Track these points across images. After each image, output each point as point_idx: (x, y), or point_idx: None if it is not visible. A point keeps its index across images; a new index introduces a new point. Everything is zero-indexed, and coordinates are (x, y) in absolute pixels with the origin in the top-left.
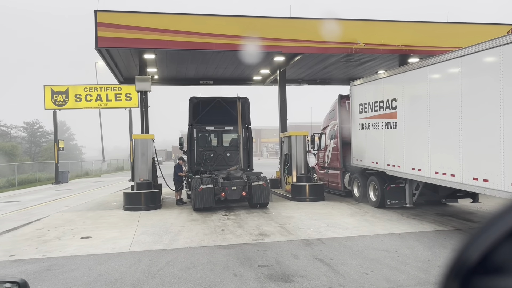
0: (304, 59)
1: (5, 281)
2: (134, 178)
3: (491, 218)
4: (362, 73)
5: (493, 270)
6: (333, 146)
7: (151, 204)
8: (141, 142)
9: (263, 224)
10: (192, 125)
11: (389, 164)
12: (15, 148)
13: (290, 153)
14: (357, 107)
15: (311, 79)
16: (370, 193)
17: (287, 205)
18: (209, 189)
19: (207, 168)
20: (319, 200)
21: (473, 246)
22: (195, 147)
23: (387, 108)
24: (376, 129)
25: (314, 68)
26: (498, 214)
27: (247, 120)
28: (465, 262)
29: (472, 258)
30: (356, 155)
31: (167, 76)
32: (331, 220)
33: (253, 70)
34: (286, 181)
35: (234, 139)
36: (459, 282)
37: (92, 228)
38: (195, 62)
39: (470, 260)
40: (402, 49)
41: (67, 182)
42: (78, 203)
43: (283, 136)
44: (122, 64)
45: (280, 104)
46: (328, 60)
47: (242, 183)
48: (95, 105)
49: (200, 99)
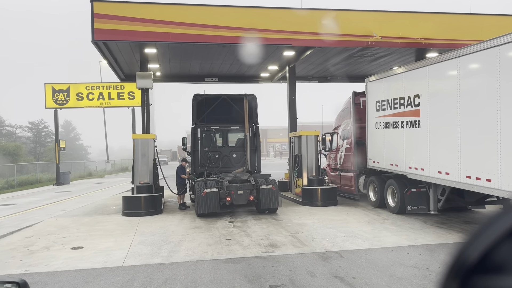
0: (315, 54)
1: (5, 281)
2: (134, 180)
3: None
4: (376, 69)
5: (492, 270)
6: (346, 147)
7: (151, 209)
8: (141, 142)
9: (272, 233)
10: (196, 124)
11: (411, 167)
12: (19, 148)
13: (301, 154)
14: (374, 104)
15: (321, 76)
16: (388, 198)
17: (298, 210)
18: (214, 193)
19: (211, 170)
20: (332, 204)
21: (473, 245)
22: (199, 147)
23: (409, 105)
24: (395, 128)
25: (325, 64)
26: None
27: (254, 118)
28: (465, 261)
29: (472, 258)
30: (373, 156)
31: (170, 73)
32: (348, 228)
33: (260, 66)
34: (296, 183)
35: (240, 139)
36: (459, 281)
37: (86, 236)
38: (199, 58)
39: (470, 259)
40: (421, 43)
41: (69, 183)
42: (75, 206)
43: (292, 136)
44: (122, 59)
45: (289, 102)
46: (341, 55)
47: (250, 187)
48: (97, 104)
49: (205, 96)
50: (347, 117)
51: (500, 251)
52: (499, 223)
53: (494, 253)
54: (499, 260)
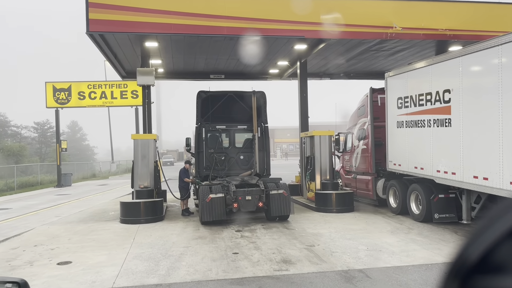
0: (328, 48)
1: (5, 281)
2: (134, 184)
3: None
4: (392, 65)
5: (493, 269)
6: (362, 148)
7: (152, 216)
8: (141, 143)
9: (285, 245)
10: (200, 124)
11: (439, 170)
12: (23, 149)
13: (313, 156)
14: (395, 101)
15: (333, 72)
16: (411, 204)
17: (311, 217)
18: (219, 199)
19: (217, 173)
20: (349, 211)
21: (473, 245)
22: (204, 148)
23: (437, 101)
24: (420, 127)
25: (338, 60)
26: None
27: (263, 117)
28: (465, 261)
29: (472, 257)
30: (393, 158)
31: (173, 69)
32: (370, 239)
33: (269, 62)
34: (308, 187)
35: (248, 139)
36: (459, 281)
37: (77, 248)
38: (204, 52)
39: (470, 259)
40: (446, 34)
41: (70, 185)
42: (72, 212)
43: (304, 136)
44: (122, 55)
45: (300, 100)
46: (357, 49)
47: (259, 192)
48: (100, 103)
49: (210, 93)
50: (364, 115)
51: (500, 251)
52: (500, 223)
53: (494, 253)
54: (500, 260)
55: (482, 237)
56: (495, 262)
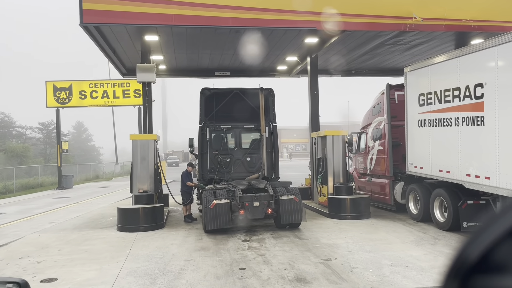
0: (341, 42)
1: (6, 281)
2: (133, 188)
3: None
4: (408, 61)
5: (493, 269)
6: (378, 149)
7: (151, 223)
8: (140, 144)
9: (298, 259)
10: (204, 123)
11: (470, 174)
12: (27, 150)
13: (325, 157)
14: (416, 98)
15: (345, 69)
16: (435, 211)
17: (325, 224)
18: (224, 205)
19: (222, 176)
20: (364, 217)
21: (473, 245)
22: (208, 149)
23: (467, 97)
24: (447, 126)
25: (351, 55)
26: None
27: (271, 116)
28: (465, 261)
29: (472, 257)
30: (414, 160)
31: (176, 66)
32: (393, 252)
33: (277, 58)
34: (319, 191)
35: (255, 140)
36: (459, 281)
37: (65, 261)
38: (208, 47)
39: (470, 259)
40: (470, 25)
41: (72, 187)
42: (68, 217)
43: (315, 136)
44: (121, 50)
45: (310, 98)
46: (372, 43)
47: (267, 198)
48: (101, 103)
49: (214, 91)
50: (379, 114)
51: (500, 251)
52: (500, 223)
53: (494, 252)
54: (500, 260)
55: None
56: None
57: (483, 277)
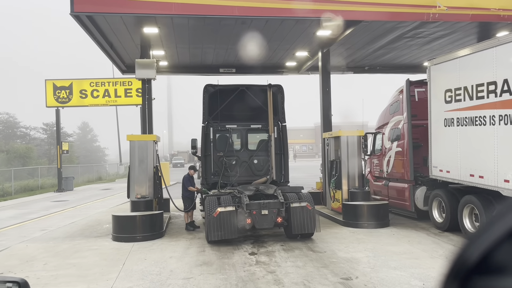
0: (357, 34)
1: (5, 280)
2: (130, 193)
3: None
4: (426, 56)
5: (493, 270)
6: (396, 150)
7: (149, 232)
8: (138, 145)
9: (313, 277)
10: (207, 122)
11: (508, 180)
12: (30, 151)
13: (339, 160)
14: (442, 94)
15: (357, 65)
16: (465, 221)
17: (340, 234)
18: (230, 214)
19: (226, 180)
20: (383, 226)
21: (473, 246)
22: (212, 151)
23: (505, 92)
24: (479, 125)
25: (366, 49)
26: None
27: (280, 115)
28: (465, 262)
29: (472, 258)
30: (439, 163)
31: (179, 62)
32: (422, 269)
33: (286, 53)
34: (332, 196)
35: (263, 140)
36: (459, 282)
37: (49, 278)
38: (212, 41)
39: (470, 260)
40: (499, 15)
41: (72, 189)
42: (62, 223)
43: (328, 136)
44: (118, 44)
45: (322, 95)
46: (389, 35)
47: (277, 205)
48: (103, 102)
49: (219, 87)
50: (398, 113)
51: (500, 252)
52: (500, 224)
53: (494, 253)
54: (500, 261)
55: (482, 238)
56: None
57: (483, 278)
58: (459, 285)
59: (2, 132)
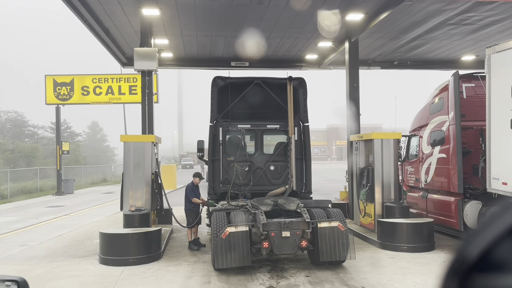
0: (393, 19)
1: (4, 279)
2: (123, 205)
3: (491, 216)
4: (468, 48)
5: (492, 268)
6: (439, 157)
7: (144, 254)
8: (134, 148)
9: None
10: (216, 121)
11: None
12: (36, 150)
13: (372, 168)
14: (508, 89)
15: (385, 60)
16: None
17: (377, 260)
18: (242, 235)
19: (238, 190)
20: (428, 249)
21: (473, 244)
22: (221, 155)
23: None
24: None
25: (399, 39)
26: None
27: (302, 114)
28: (465, 260)
29: (472, 256)
30: (502, 174)
31: (185, 54)
32: None
33: (308, 43)
34: (362, 210)
35: (281, 143)
36: (458, 280)
37: None
38: (223, 26)
39: (470, 258)
40: None
41: (72, 192)
42: (48, 236)
43: (357, 139)
44: (115, 30)
45: (349, 91)
46: (430, 21)
47: (302, 225)
48: (105, 100)
49: (230, 80)
50: (441, 112)
51: (500, 250)
52: (500, 221)
53: (494, 251)
54: (500, 259)
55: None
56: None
57: (483, 276)
58: (459, 282)
59: (11, 130)
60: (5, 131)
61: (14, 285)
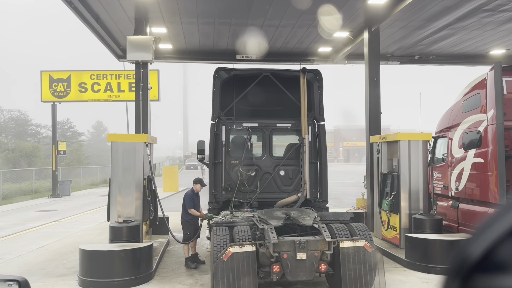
0: (421, 4)
1: (6, 279)
2: (110, 215)
3: (493, 216)
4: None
5: (494, 269)
6: (474, 161)
7: (132, 275)
8: (124, 149)
9: None
10: (218, 119)
11: None
12: (37, 149)
13: (398, 174)
14: None
15: (405, 54)
16: None
17: (408, 285)
18: (247, 257)
19: (243, 198)
20: None
21: (475, 244)
22: (224, 158)
23: None
24: None
25: (424, 30)
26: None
27: (317, 111)
28: (466, 260)
29: (473, 257)
30: None
31: (186, 46)
32: None
33: (321, 33)
34: (385, 222)
35: (293, 145)
36: (460, 280)
37: None
38: (228, 12)
39: (471, 258)
40: None
41: (69, 194)
42: (29, 247)
43: (379, 141)
44: (106, 15)
45: (369, 87)
46: (464, 6)
47: (320, 245)
48: (104, 97)
49: (235, 72)
50: (477, 110)
51: (502, 250)
52: (502, 222)
53: (496, 251)
54: (501, 259)
55: (483, 235)
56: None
57: (484, 276)
58: (461, 283)
59: (14, 130)
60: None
61: (15, 284)
